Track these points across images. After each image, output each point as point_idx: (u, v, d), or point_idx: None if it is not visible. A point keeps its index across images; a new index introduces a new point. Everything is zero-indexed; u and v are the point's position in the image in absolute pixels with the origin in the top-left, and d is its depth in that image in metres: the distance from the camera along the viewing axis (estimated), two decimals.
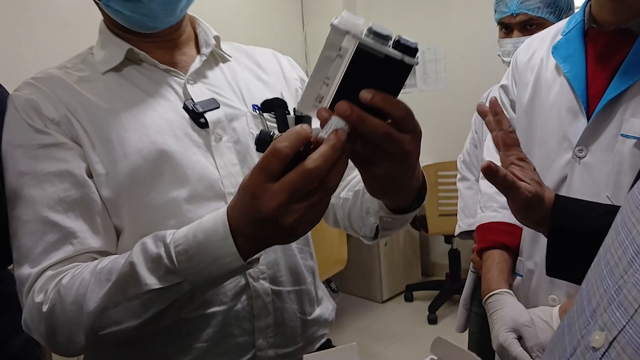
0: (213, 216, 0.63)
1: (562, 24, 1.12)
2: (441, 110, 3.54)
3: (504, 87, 1.24)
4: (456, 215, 1.80)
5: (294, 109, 0.93)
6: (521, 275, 1.13)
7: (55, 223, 0.74)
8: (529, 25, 1.57)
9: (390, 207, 0.75)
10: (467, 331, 1.61)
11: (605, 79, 0.96)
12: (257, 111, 0.90)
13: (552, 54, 1.07)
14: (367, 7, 3.85)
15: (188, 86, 0.86)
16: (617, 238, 0.46)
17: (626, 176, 0.92)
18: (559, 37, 1.09)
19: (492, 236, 1.19)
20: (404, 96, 0.54)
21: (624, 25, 0.95)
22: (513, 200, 0.79)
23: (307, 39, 4.04)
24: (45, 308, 0.69)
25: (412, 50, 0.53)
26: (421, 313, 3.33)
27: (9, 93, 0.91)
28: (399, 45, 0.53)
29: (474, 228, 1.71)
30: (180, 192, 0.80)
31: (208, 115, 0.84)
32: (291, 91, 0.98)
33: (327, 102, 0.55)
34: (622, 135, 0.92)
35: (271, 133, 0.77)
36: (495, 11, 1.66)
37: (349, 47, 0.53)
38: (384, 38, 0.53)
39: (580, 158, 0.97)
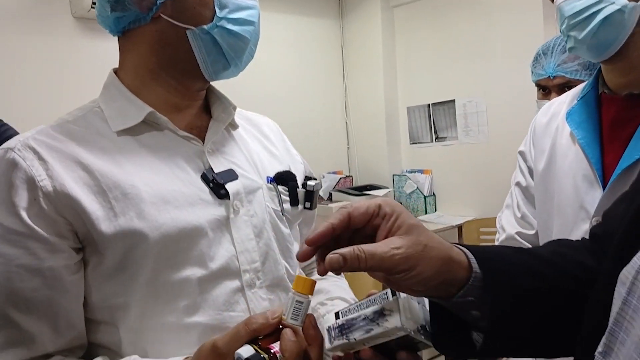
0: None
1: (580, 87, 1.08)
2: (483, 164, 3.45)
3: (521, 153, 1.21)
4: None
5: (303, 183, 0.94)
6: None
7: (16, 323, 0.71)
8: (567, 87, 1.52)
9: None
10: None
11: (620, 146, 0.92)
12: (272, 184, 0.89)
13: (567, 119, 1.03)
14: (407, 62, 3.85)
15: (208, 155, 0.83)
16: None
17: None
18: (575, 102, 1.05)
19: None
20: (446, 148, 0.49)
21: (636, 90, 0.92)
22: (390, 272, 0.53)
23: (347, 91, 4.07)
24: None
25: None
26: None
27: (17, 132, 0.87)
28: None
29: None
30: (195, 271, 0.76)
31: (229, 187, 0.81)
32: (296, 166, 0.98)
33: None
34: None
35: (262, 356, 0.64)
36: (532, 72, 1.62)
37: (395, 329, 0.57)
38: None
39: None
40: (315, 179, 0.97)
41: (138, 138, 0.79)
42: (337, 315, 0.64)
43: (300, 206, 0.92)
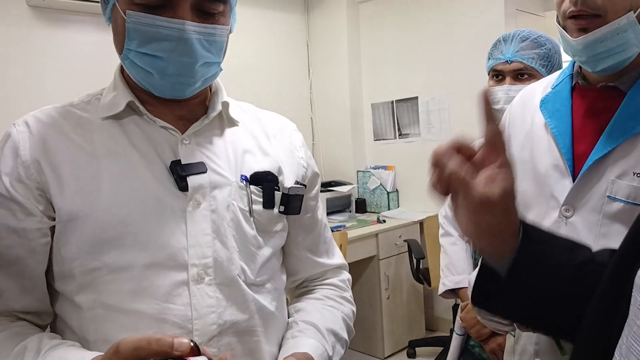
0: None
1: (554, 76, 1.09)
2: None
3: None
4: None
5: (297, 185, 0.92)
6: (513, 335, 1.09)
7: None
8: (521, 75, 1.59)
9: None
10: None
11: (592, 137, 0.93)
12: (244, 182, 0.87)
13: (540, 107, 1.04)
14: (372, 59, 3.88)
15: (180, 146, 0.83)
16: None
17: (614, 239, 0.88)
18: (549, 90, 1.06)
19: None
20: (409, 144, 0.49)
21: (612, 82, 0.93)
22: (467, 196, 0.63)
23: (312, 87, 4.06)
24: None
25: None
26: None
27: None
28: None
29: (461, 286, 1.67)
30: (140, 256, 0.78)
31: (190, 180, 0.81)
32: (293, 168, 0.95)
33: None
34: (609, 197, 0.89)
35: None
36: (489, 58, 1.66)
37: None
38: None
39: (567, 218, 0.94)
40: (303, 185, 0.93)
41: (121, 122, 0.84)
42: None
43: (275, 209, 0.89)
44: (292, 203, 0.91)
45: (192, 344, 0.61)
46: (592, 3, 0.85)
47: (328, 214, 3.58)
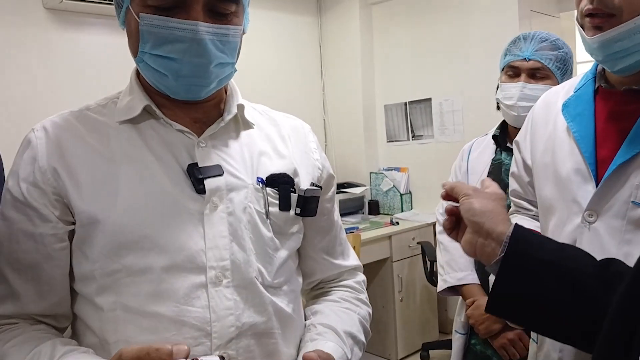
0: None
1: (576, 79, 1.07)
2: None
3: (516, 143, 1.20)
4: None
5: (310, 187, 0.92)
6: (535, 342, 1.07)
7: (7, 279, 0.81)
8: (537, 74, 1.59)
9: None
10: None
11: (615, 141, 0.91)
12: (260, 184, 0.87)
13: (562, 111, 1.02)
14: (385, 60, 3.87)
15: (197, 149, 0.84)
16: None
17: (638, 245, 0.85)
18: (571, 93, 1.04)
19: None
20: (422, 146, 0.48)
21: (635, 85, 0.91)
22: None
23: (324, 88, 4.06)
24: None
25: None
26: None
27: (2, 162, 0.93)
28: None
29: (464, 282, 1.65)
30: (159, 259, 0.78)
31: (207, 182, 0.82)
32: (309, 170, 0.94)
33: None
34: (633, 202, 0.87)
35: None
36: (506, 54, 1.66)
37: None
38: None
39: (590, 223, 0.92)
40: (317, 187, 0.93)
41: (138, 126, 0.85)
42: None
43: (291, 211, 0.89)
44: (309, 205, 0.90)
45: (187, 347, 0.64)
46: (608, 2, 0.84)
47: (341, 215, 3.57)
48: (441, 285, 1.73)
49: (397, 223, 3.48)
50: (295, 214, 0.90)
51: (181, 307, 0.78)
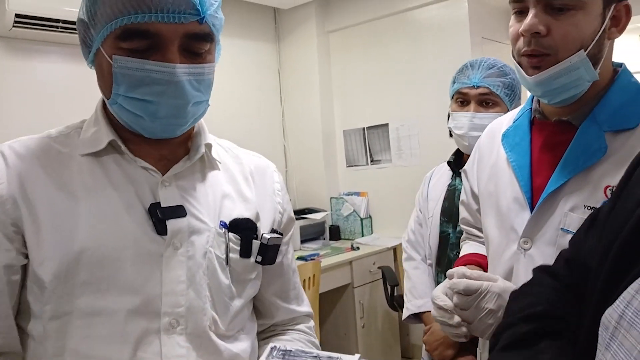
0: None
1: (517, 110, 1.11)
2: (416, 186, 3.52)
3: (464, 172, 1.23)
4: None
5: (267, 234, 0.90)
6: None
7: None
8: (486, 102, 1.60)
9: None
10: None
11: (548, 170, 0.95)
12: (222, 229, 0.85)
13: (502, 141, 1.06)
14: (343, 87, 3.92)
15: (161, 188, 0.81)
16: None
17: None
18: (511, 123, 1.08)
19: None
20: (381, 171, 0.48)
21: (565, 117, 0.95)
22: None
23: (284, 114, 4.08)
24: None
25: None
26: None
27: None
28: None
29: (423, 310, 1.67)
30: (113, 302, 0.75)
31: (170, 224, 0.79)
32: (270, 214, 0.93)
33: None
34: (562, 229, 0.91)
35: None
36: (454, 82, 1.67)
37: None
38: None
39: (525, 250, 0.95)
40: (279, 234, 0.91)
41: (100, 160, 0.81)
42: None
43: (252, 258, 0.88)
44: (270, 253, 0.89)
45: None
46: (545, 43, 0.87)
47: (302, 241, 3.56)
48: (404, 313, 1.74)
49: (358, 248, 3.49)
50: (256, 261, 0.88)
51: (134, 352, 0.75)
